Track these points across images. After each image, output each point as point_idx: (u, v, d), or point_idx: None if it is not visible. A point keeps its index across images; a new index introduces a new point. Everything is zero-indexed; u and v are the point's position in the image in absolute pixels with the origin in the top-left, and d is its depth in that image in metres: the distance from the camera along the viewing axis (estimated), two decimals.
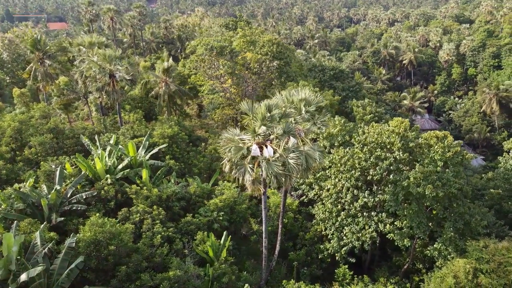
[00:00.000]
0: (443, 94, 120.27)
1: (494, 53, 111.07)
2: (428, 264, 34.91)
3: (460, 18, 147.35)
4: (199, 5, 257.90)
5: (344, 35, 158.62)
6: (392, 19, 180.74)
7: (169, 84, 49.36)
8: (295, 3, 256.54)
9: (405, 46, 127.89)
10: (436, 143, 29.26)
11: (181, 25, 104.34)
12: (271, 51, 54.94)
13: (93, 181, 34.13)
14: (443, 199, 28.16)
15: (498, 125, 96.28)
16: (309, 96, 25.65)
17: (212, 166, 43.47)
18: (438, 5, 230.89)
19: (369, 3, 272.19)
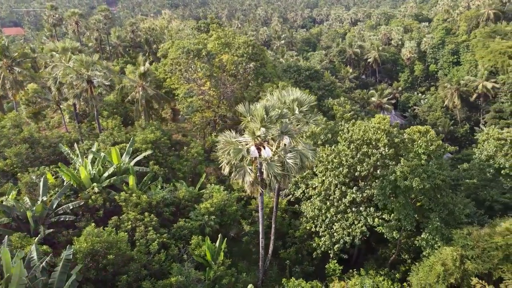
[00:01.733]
0: (407, 90, 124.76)
1: (452, 50, 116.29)
2: (413, 254, 36.24)
3: (419, 17, 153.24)
4: (162, 8, 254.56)
5: (309, 35, 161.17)
6: (354, 19, 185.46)
7: (146, 88, 48.60)
8: (259, 5, 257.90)
9: (369, 45, 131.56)
10: (420, 137, 30.52)
11: (148, 28, 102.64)
12: (247, 53, 55.20)
13: (77, 191, 33.22)
14: (428, 191, 29.41)
15: (460, 119, 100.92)
16: (301, 96, 26.15)
17: (195, 170, 43.27)
18: (396, 4, 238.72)
19: (331, 3, 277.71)
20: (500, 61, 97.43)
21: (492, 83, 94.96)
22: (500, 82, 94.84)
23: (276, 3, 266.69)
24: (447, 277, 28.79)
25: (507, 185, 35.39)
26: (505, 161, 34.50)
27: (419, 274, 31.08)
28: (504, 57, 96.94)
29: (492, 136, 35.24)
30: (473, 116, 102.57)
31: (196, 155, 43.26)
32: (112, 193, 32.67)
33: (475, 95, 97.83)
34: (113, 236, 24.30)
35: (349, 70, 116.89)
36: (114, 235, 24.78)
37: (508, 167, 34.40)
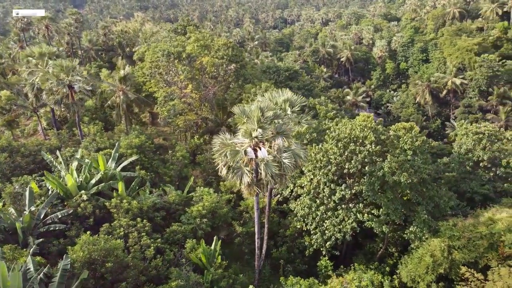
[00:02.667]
0: (379, 88, 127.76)
1: (421, 48, 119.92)
2: (400, 247, 37.33)
3: (388, 16, 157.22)
4: (131, 10, 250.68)
5: (282, 36, 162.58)
6: (325, 19, 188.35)
7: (127, 92, 47.93)
8: (230, 6, 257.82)
9: (341, 44, 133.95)
10: (405, 134, 31.50)
11: (121, 31, 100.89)
12: (227, 55, 55.23)
13: (64, 199, 32.46)
14: (416, 185, 30.41)
15: (431, 114, 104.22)
16: (292, 96, 26.54)
17: (181, 173, 43.03)
18: (365, 4, 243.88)
19: (301, 3, 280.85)
20: (467, 58, 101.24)
21: (461, 79, 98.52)
22: (468, 78, 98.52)
23: (247, 4, 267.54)
24: (436, 268, 29.87)
25: (485, 177, 36.96)
26: (483, 154, 36.03)
27: (408, 267, 32.08)
28: (470, 54, 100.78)
29: (471, 131, 36.77)
30: (444, 112, 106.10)
31: (181, 159, 43.01)
32: (100, 200, 32.09)
33: (445, 91, 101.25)
34: (109, 244, 23.92)
35: (323, 70, 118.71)
36: (110, 242, 24.38)
37: (486, 159, 35.95)
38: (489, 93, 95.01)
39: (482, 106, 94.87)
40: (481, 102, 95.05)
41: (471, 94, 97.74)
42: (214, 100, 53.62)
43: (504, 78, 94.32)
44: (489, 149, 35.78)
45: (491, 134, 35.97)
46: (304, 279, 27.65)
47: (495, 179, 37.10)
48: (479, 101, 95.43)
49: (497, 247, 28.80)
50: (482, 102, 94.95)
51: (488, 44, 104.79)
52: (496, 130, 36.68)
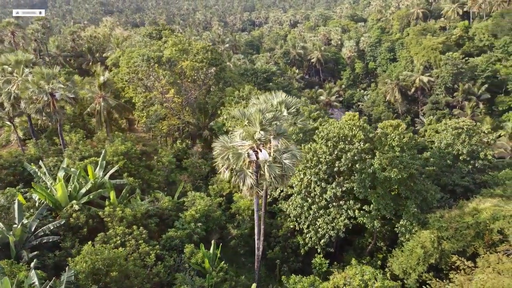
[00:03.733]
0: (350, 87, 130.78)
1: (389, 47, 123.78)
2: (388, 241, 38.53)
3: (354, 17, 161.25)
4: (95, 14, 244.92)
5: (252, 38, 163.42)
6: (293, 21, 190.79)
7: (107, 99, 47.04)
8: (197, 9, 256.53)
9: (311, 45, 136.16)
10: (392, 131, 32.64)
11: (90, 36, 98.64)
12: (206, 58, 55.23)
13: (53, 210, 31.56)
14: (405, 180, 31.57)
15: (401, 112, 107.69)
16: (287, 98, 27.01)
17: (168, 178, 42.70)
18: (330, 6, 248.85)
19: (267, 6, 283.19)
20: (432, 56, 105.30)
21: (428, 77, 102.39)
22: (434, 76, 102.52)
23: (214, 7, 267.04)
24: (427, 259, 31.10)
25: (465, 170, 38.78)
26: (462, 148, 37.82)
27: (399, 259, 33.21)
28: (436, 53, 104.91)
29: (450, 126, 38.49)
30: (413, 109, 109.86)
31: (167, 164, 42.66)
32: (92, 209, 31.41)
33: (413, 89, 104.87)
34: (112, 253, 23.54)
35: (295, 71, 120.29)
36: (113, 252, 24.00)
37: (465, 153, 37.73)
38: (454, 89, 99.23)
39: (449, 102, 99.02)
40: (448, 98, 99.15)
41: (438, 91, 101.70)
42: (196, 104, 53.45)
43: (467, 75, 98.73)
44: (468, 143, 37.60)
45: (469, 129, 37.83)
46: (305, 277, 28.03)
47: (474, 171, 38.99)
48: (446, 98, 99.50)
49: (483, 235, 30.34)
50: (448, 98, 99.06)
51: (451, 42, 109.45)
52: (474, 124, 38.62)
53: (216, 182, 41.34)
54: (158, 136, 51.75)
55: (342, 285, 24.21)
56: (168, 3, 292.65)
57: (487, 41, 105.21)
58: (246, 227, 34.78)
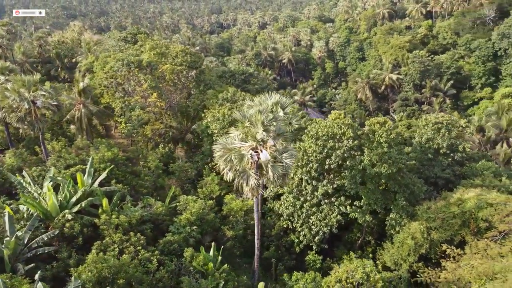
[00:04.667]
0: (321, 87, 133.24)
1: (357, 47, 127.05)
2: (376, 235, 39.74)
3: (322, 18, 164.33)
4: (57, 19, 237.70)
5: (222, 40, 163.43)
6: (262, 22, 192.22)
7: (87, 105, 46.08)
8: (163, 12, 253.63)
9: (282, 46, 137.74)
10: (380, 128, 33.81)
11: (57, 42, 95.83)
12: (186, 61, 55.04)
13: (43, 221, 30.70)
14: (394, 175, 32.78)
15: (372, 109, 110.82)
16: (281, 99, 27.53)
17: (156, 183, 42.30)
18: (297, 7, 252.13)
19: (234, 7, 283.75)
20: (400, 55, 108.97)
21: (396, 75, 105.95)
22: (403, 74, 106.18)
23: (181, 10, 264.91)
24: (417, 249, 32.37)
25: (445, 163, 40.57)
26: (442, 142, 39.57)
27: (390, 251, 34.42)
28: (403, 51, 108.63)
29: (431, 121, 40.20)
30: (383, 106, 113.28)
31: (154, 169, 42.27)
32: (85, 218, 30.78)
33: (383, 86, 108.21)
34: (119, 260, 23.26)
35: (268, 72, 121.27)
36: (119, 259, 23.71)
37: (445, 146, 39.50)
38: (422, 86, 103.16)
39: (418, 98, 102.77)
40: (416, 95, 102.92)
41: (407, 88, 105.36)
42: (177, 107, 53.16)
43: (434, 72, 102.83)
44: (448, 137, 39.39)
45: (448, 123, 39.65)
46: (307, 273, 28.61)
47: (453, 163, 40.83)
48: (414, 94, 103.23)
49: (469, 224, 31.95)
50: (417, 95, 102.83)
51: (417, 41, 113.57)
52: (452, 119, 40.50)
53: (205, 185, 41.31)
54: (140, 141, 51.03)
55: (344, 278, 24.94)
56: (133, 6, 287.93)
57: (450, 39, 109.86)
58: (240, 228, 34.99)
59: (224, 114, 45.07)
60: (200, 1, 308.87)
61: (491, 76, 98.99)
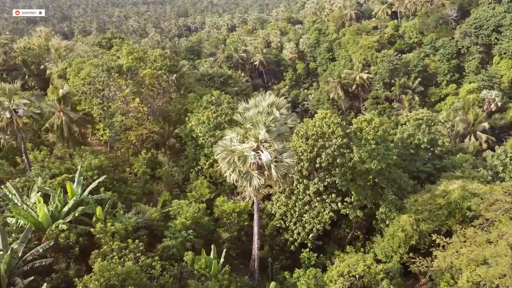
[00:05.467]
0: (293, 88, 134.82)
1: (327, 48, 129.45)
2: (364, 230, 40.92)
3: (291, 19, 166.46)
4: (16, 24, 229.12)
5: (192, 44, 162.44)
6: (231, 25, 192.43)
7: (68, 113, 45.02)
8: (128, 16, 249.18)
9: (253, 49, 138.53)
10: (367, 126, 34.96)
11: (23, 48, 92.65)
12: (165, 65, 54.69)
13: (35, 232, 29.88)
14: (383, 170, 33.97)
15: (344, 108, 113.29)
16: (276, 100, 28.07)
17: (144, 189, 41.90)
18: (263, 9, 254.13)
19: (201, 10, 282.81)
20: (369, 54, 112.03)
21: (367, 74, 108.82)
22: (372, 73, 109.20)
23: (146, 13, 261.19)
24: (407, 241, 33.68)
25: (425, 157, 42.35)
26: (423, 137, 41.28)
27: (381, 244, 35.63)
28: (372, 51, 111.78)
29: (412, 118, 41.88)
30: (355, 105, 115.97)
31: (142, 175, 41.87)
32: (79, 227, 30.19)
33: (354, 86, 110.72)
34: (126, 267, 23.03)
35: (241, 74, 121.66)
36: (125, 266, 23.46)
37: (426, 141, 41.23)
38: (391, 84, 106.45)
39: (388, 96, 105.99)
40: (387, 93, 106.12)
41: (377, 86, 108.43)
42: (158, 112, 52.72)
43: (402, 70, 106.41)
44: (428, 132, 41.15)
45: (428, 119, 41.44)
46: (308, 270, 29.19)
47: (433, 157, 42.66)
48: (385, 92, 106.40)
49: (455, 214, 33.56)
50: (387, 93, 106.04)
51: (384, 41, 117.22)
52: (432, 115, 42.34)
53: (195, 189, 41.27)
54: (123, 147, 50.27)
55: (346, 272, 25.70)
56: (96, 10, 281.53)
57: (415, 38, 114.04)
58: (234, 230, 35.23)
59: (208, 117, 45.18)
60: (165, 4, 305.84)
61: (455, 73, 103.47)
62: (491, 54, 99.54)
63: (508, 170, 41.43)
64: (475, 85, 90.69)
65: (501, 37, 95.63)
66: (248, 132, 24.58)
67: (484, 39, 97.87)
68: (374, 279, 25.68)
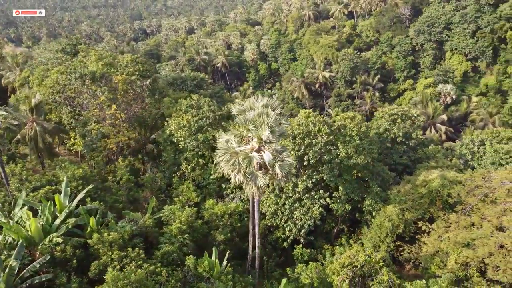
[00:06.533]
0: (256, 88, 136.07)
1: (288, 48, 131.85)
2: (349, 223, 42.46)
3: (249, 21, 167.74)
4: None
5: (150, 47, 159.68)
6: (188, 27, 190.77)
7: (41, 123, 43.41)
8: (80, 20, 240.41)
9: (214, 51, 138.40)
10: (350, 122, 36.42)
11: None
12: (138, 70, 53.88)
13: (26, 248, 28.79)
14: (368, 164, 35.54)
15: (309, 106, 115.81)
16: (270, 101, 28.70)
17: (129, 197, 41.24)
18: (219, 11, 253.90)
19: (155, 13, 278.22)
20: (330, 53, 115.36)
21: (329, 73, 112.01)
22: (334, 71, 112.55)
23: (99, 17, 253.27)
24: (394, 230, 35.41)
25: (401, 150, 44.62)
26: (398, 131, 43.47)
27: (370, 234, 37.20)
28: (332, 50, 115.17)
29: (387, 113, 43.96)
30: (318, 103, 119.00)
31: (126, 183, 41.20)
32: (74, 239, 29.39)
33: (318, 84, 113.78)
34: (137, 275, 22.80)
35: (206, 77, 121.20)
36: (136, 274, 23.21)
37: (401, 135, 43.46)
38: (353, 82, 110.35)
39: (350, 93, 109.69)
40: (349, 90, 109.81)
41: (339, 84, 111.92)
42: (134, 118, 51.85)
43: (362, 68, 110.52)
44: (403, 127, 43.39)
45: (403, 114, 43.70)
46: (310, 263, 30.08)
47: (408, 150, 45.02)
48: (347, 90, 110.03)
49: (435, 202, 35.69)
50: (349, 90, 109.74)
51: (343, 40, 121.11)
52: (405, 110, 44.65)
53: (181, 193, 41.11)
54: (99, 156, 48.97)
55: (349, 263, 26.81)
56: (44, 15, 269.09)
57: (372, 37, 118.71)
58: (228, 231, 35.55)
59: (189, 121, 45.12)
60: (117, 7, 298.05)
61: (411, 69, 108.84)
62: (443, 50, 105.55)
63: (476, 158, 44.51)
64: (431, 79, 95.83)
65: (452, 34, 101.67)
66: (249, 134, 25.07)
67: (436, 36, 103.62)
68: (373, 268, 26.97)
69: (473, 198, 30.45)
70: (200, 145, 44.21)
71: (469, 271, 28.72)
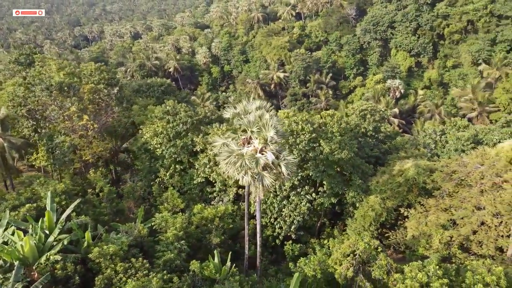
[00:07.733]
0: (211, 91, 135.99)
1: (240, 50, 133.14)
2: (330, 216, 44.38)
3: (198, 24, 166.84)
4: None
5: (96, 54, 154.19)
6: (134, 32, 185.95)
7: (9, 138, 41.18)
8: (13, 27, 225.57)
9: (165, 55, 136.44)
10: (331, 120, 38.19)
11: None
12: (103, 78, 52.50)
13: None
14: (350, 159, 37.50)
15: None
16: (262, 103, 29.64)
17: (112, 208, 40.32)
18: (162, 15, 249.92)
19: (94, 18, 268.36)
20: (283, 54, 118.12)
21: (283, 73, 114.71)
22: (288, 72, 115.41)
23: (33, 24, 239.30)
24: (377, 218, 37.70)
25: (372, 143, 47.25)
26: (368, 125, 46.05)
27: (354, 225, 39.24)
28: (285, 51, 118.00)
29: (357, 109, 46.39)
30: (274, 103, 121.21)
31: (108, 194, 40.24)
32: (71, 256, 28.47)
33: (273, 85, 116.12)
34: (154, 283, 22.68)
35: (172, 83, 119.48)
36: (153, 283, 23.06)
37: (371, 129, 46.07)
38: (306, 81, 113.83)
39: (305, 92, 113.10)
40: (303, 89, 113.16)
41: (294, 84, 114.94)
42: (104, 128, 50.56)
43: (314, 67, 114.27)
44: (373, 121, 46.04)
45: (372, 109, 46.35)
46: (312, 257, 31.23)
47: (377, 143, 47.78)
48: (302, 89, 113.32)
49: (412, 189, 38.40)
50: (304, 89, 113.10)
51: (294, 40, 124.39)
52: (374, 105, 47.36)
53: (166, 200, 40.84)
54: (71, 169, 47.25)
55: (350, 252, 28.33)
56: None
57: (321, 37, 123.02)
58: (221, 234, 35.93)
59: (165, 127, 44.87)
60: (53, 13, 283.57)
61: (360, 66, 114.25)
62: (388, 48, 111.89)
63: (439, 146, 48.24)
64: (380, 76, 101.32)
65: (395, 32, 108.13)
66: (248, 135, 25.85)
67: (381, 34, 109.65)
68: (371, 254, 28.72)
69: (450, 183, 33.24)
70: (179, 151, 44.12)
71: (451, 250, 31.45)
